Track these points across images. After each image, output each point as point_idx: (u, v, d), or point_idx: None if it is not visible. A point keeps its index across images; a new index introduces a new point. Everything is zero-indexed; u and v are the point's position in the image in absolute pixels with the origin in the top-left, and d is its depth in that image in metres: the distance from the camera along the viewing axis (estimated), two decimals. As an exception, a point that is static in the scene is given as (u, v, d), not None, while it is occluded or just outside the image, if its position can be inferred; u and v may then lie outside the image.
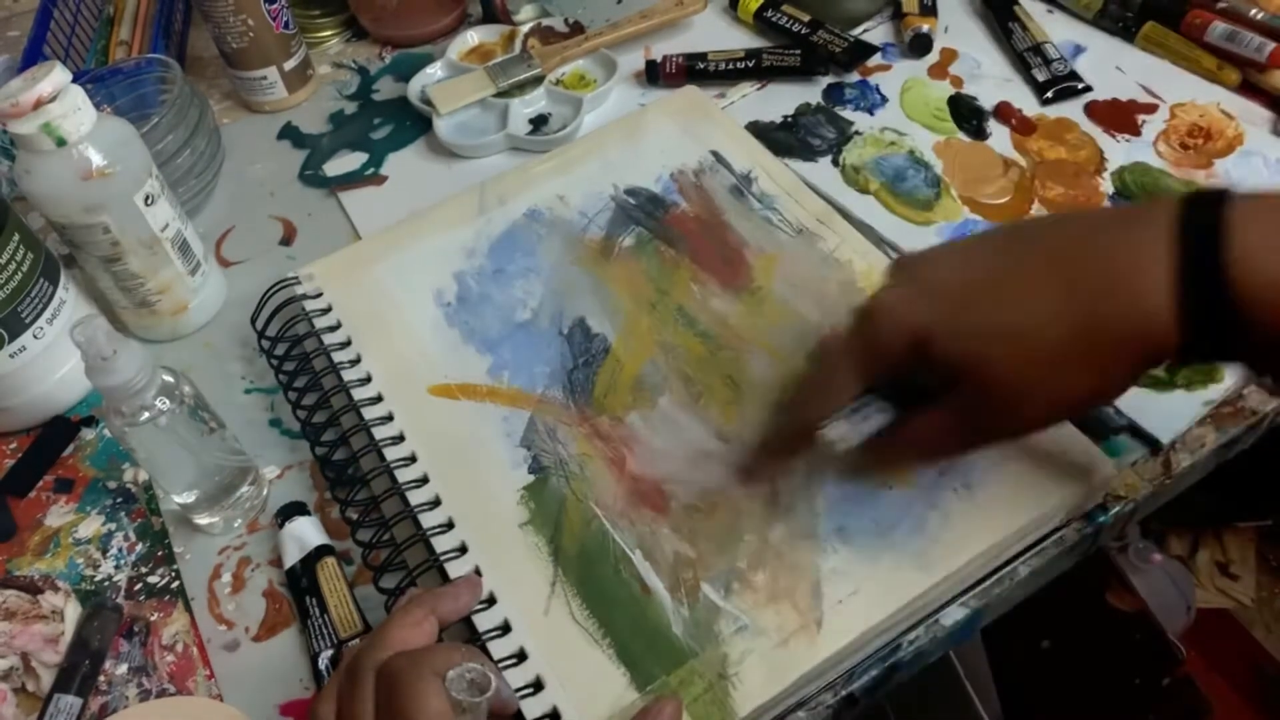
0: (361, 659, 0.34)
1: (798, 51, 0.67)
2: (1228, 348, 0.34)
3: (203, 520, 0.48)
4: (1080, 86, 0.63)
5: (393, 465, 0.46)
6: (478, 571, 0.42)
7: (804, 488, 0.44)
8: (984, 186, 0.59)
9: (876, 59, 0.68)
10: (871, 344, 0.38)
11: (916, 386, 0.39)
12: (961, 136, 0.62)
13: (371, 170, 0.67)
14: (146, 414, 0.42)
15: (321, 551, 0.46)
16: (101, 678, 0.45)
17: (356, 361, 0.51)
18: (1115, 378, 0.36)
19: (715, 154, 0.60)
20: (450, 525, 0.44)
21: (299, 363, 0.52)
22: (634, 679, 0.39)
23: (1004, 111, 0.63)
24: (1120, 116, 0.62)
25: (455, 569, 0.42)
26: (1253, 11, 0.62)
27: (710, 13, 0.75)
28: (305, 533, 0.47)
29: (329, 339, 0.52)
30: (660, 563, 0.42)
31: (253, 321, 0.55)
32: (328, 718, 0.34)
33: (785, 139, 0.63)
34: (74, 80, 0.48)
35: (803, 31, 0.69)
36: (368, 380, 0.50)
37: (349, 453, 0.48)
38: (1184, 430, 0.47)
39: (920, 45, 0.67)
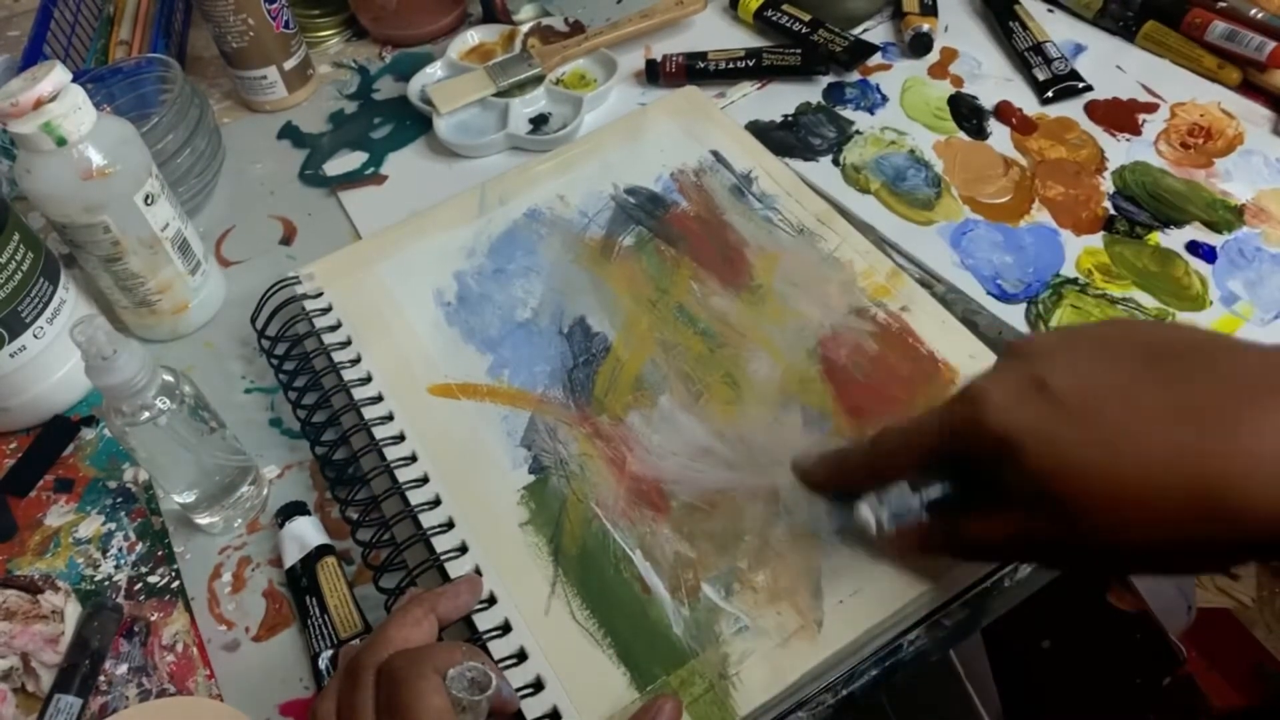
0: (362, 658, 0.34)
1: (798, 51, 0.67)
2: None
3: (203, 520, 0.48)
4: (1081, 86, 0.63)
5: (393, 465, 0.46)
6: (478, 571, 0.42)
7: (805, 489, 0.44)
8: (984, 186, 0.59)
9: (877, 58, 0.68)
10: (957, 433, 0.34)
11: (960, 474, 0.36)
12: (962, 136, 0.62)
13: (371, 170, 0.67)
14: (146, 414, 0.42)
15: (321, 551, 0.46)
16: (101, 678, 0.44)
17: (357, 361, 0.51)
18: (1220, 560, 0.32)
19: (715, 153, 0.60)
20: (450, 525, 0.44)
21: (299, 362, 0.52)
22: (634, 679, 0.39)
23: (1004, 111, 0.63)
24: (1121, 116, 0.62)
25: (455, 569, 0.42)
26: (1253, 11, 0.62)
27: (710, 12, 0.75)
28: (305, 532, 0.47)
29: (329, 338, 0.52)
30: (661, 563, 0.42)
31: (253, 321, 0.55)
32: (328, 717, 0.33)
33: (785, 138, 0.63)
34: (74, 80, 0.48)
35: (803, 31, 0.69)
36: (368, 380, 0.50)
37: (349, 452, 0.48)
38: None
39: (920, 45, 0.67)
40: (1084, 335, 0.35)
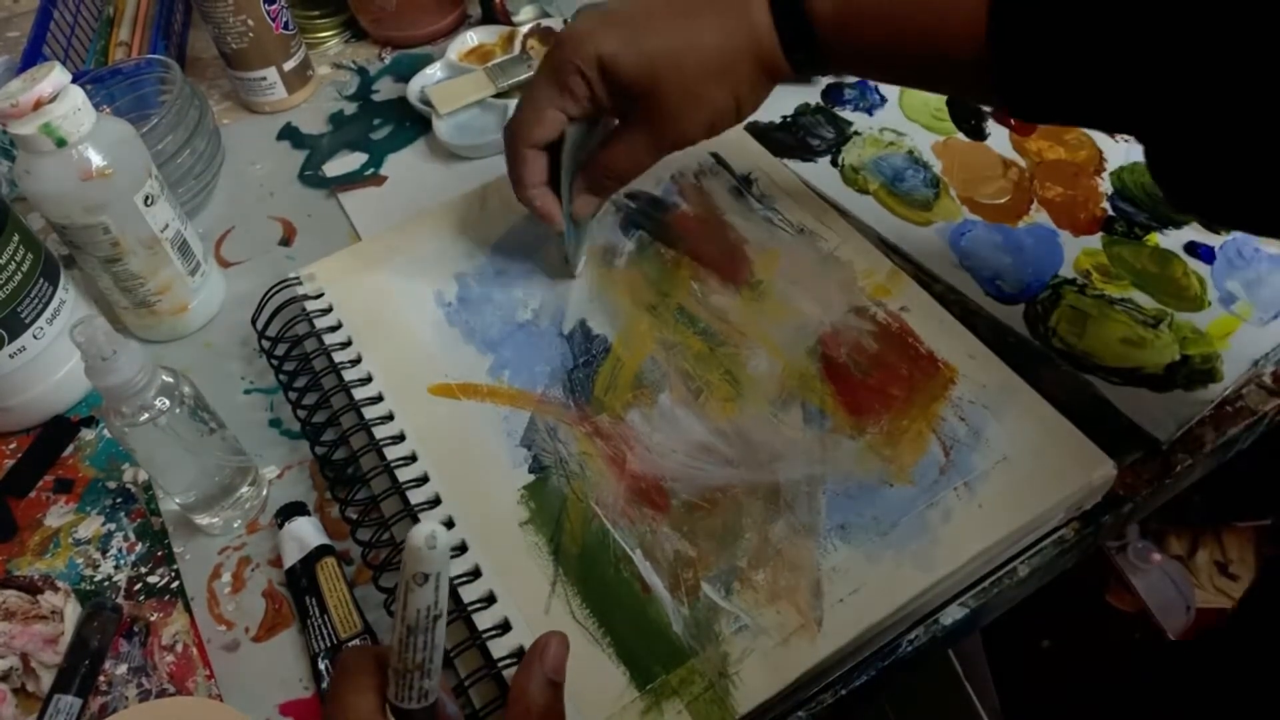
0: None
1: (797, 52, 0.67)
2: (819, 58, 0.43)
3: (202, 520, 0.48)
4: (1079, 87, 0.63)
5: (393, 464, 0.46)
6: (478, 570, 0.42)
7: (805, 485, 0.44)
8: (983, 187, 0.59)
9: (876, 59, 0.68)
10: (568, 69, 0.45)
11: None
12: (960, 137, 0.62)
13: (371, 171, 0.67)
14: (146, 414, 0.42)
15: (321, 551, 0.46)
16: (101, 678, 0.44)
17: (357, 361, 0.51)
18: (749, 88, 0.45)
19: (715, 155, 0.60)
20: (450, 524, 0.44)
21: (299, 363, 0.52)
22: (634, 678, 0.39)
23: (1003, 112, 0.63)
24: (1119, 116, 0.62)
25: (455, 567, 0.42)
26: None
27: (710, 13, 0.75)
28: (305, 533, 0.47)
29: (329, 339, 0.52)
30: (660, 562, 0.42)
31: (253, 321, 0.55)
32: None
33: (785, 139, 0.63)
34: (74, 81, 0.48)
35: (802, 32, 0.69)
36: (368, 380, 0.50)
37: (349, 452, 0.48)
38: (1184, 430, 0.47)
39: (919, 45, 0.67)
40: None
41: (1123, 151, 0.59)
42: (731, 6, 0.44)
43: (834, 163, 0.61)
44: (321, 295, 0.54)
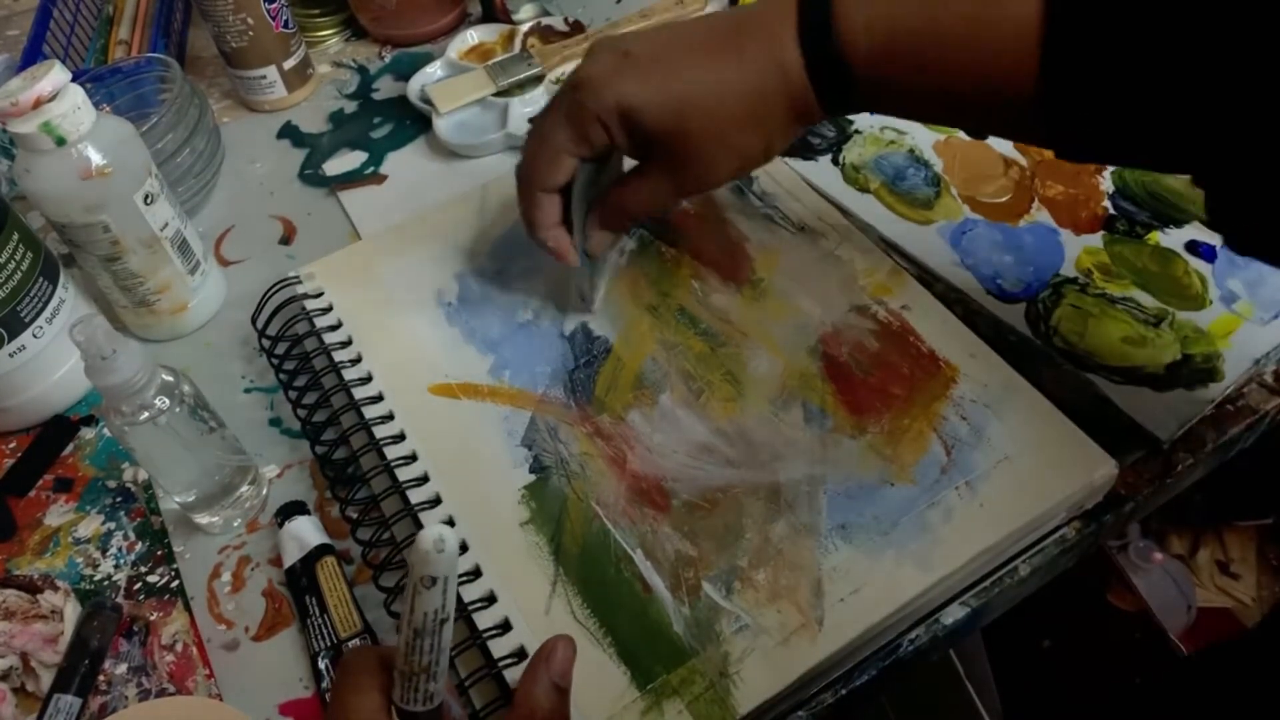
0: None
1: (798, 50, 0.67)
2: (854, 99, 0.40)
3: (202, 520, 0.48)
4: (1080, 85, 0.63)
5: (393, 464, 0.46)
6: (479, 570, 0.42)
7: (806, 485, 0.44)
8: (984, 185, 0.59)
9: (877, 58, 0.68)
10: (586, 116, 0.42)
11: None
12: (961, 135, 0.62)
13: (371, 169, 0.67)
14: (146, 413, 0.42)
15: (321, 551, 0.46)
16: (101, 677, 0.44)
17: (357, 361, 0.50)
18: (780, 133, 0.42)
19: (715, 153, 0.60)
20: (451, 524, 0.44)
21: (299, 362, 0.52)
22: (635, 678, 0.39)
23: (1004, 110, 0.63)
24: (1120, 115, 0.62)
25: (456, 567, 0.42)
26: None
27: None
28: (305, 532, 0.47)
29: (329, 338, 0.52)
30: (661, 561, 0.42)
31: (253, 321, 0.55)
32: None
33: (785, 138, 0.63)
34: (74, 79, 0.48)
35: (803, 30, 0.69)
36: (368, 379, 0.50)
37: (349, 452, 0.48)
38: (1185, 429, 0.47)
39: (920, 44, 0.67)
40: (651, 29, 0.45)
41: (1124, 150, 0.59)
42: (760, 43, 0.41)
43: (835, 161, 0.61)
44: (321, 294, 0.54)
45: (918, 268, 0.54)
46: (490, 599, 0.41)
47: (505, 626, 0.40)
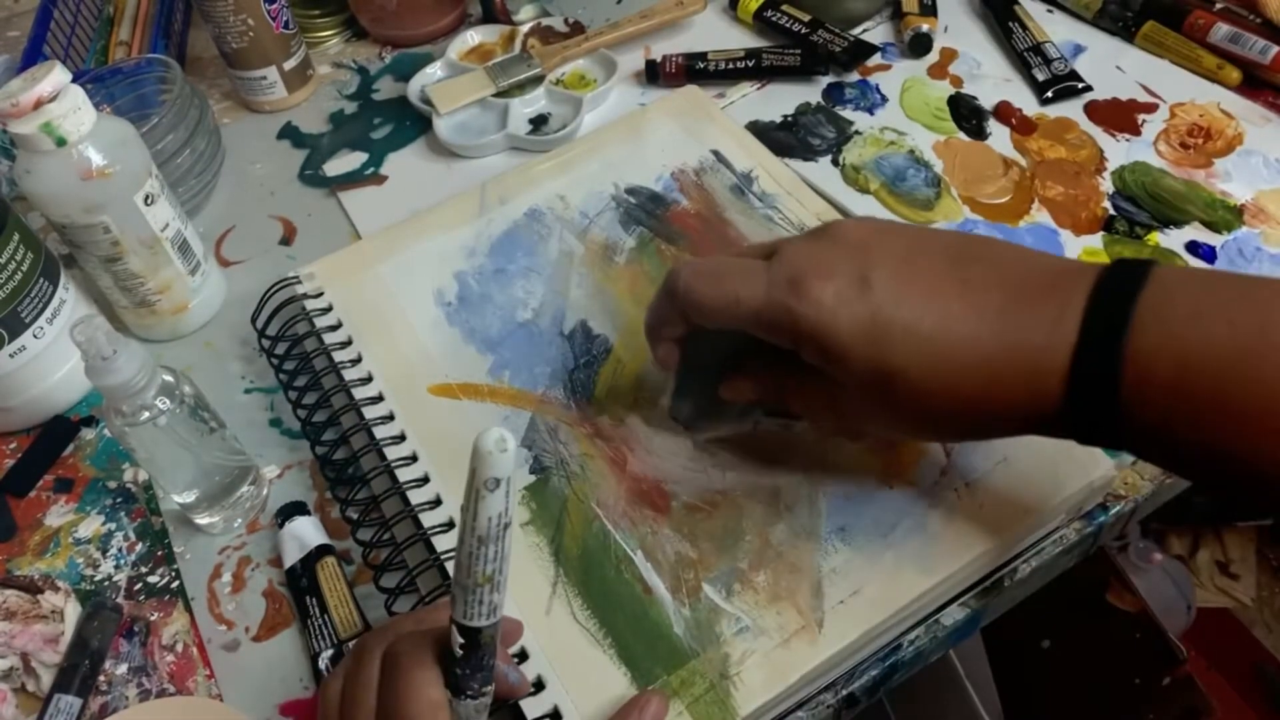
0: (370, 640, 0.34)
1: (797, 51, 0.67)
2: (1110, 433, 0.32)
3: (203, 520, 0.48)
4: (1080, 86, 0.63)
5: (393, 464, 0.46)
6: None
7: (805, 487, 0.44)
8: (984, 186, 0.59)
9: (876, 59, 0.68)
10: (780, 323, 0.35)
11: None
12: (961, 136, 0.62)
13: (371, 170, 0.67)
14: (146, 414, 0.42)
15: (321, 551, 0.46)
16: (101, 678, 0.44)
17: (357, 361, 0.51)
18: (997, 431, 0.36)
19: (716, 153, 0.60)
20: (451, 525, 0.44)
21: (299, 362, 0.52)
22: (635, 679, 0.39)
23: (1004, 111, 0.63)
24: (1120, 116, 0.62)
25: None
26: (1250, 16, 0.62)
27: (710, 13, 0.75)
28: (305, 532, 0.47)
29: (329, 338, 0.52)
30: (661, 563, 0.42)
31: (253, 321, 0.55)
32: (335, 697, 0.34)
33: (785, 138, 0.63)
34: (74, 80, 0.48)
35: (802, 31, 0.69)
36: (368, 380, 0.50)
37: (349, 452, 0.48)
38: (1185, 430, 0.47)
39: (920, 45, 0.67)
40: (896, 230, 0.36)
41: (1123, 150, 0.59)
42: (1020, 339, 0.32)
43: (835, 162, 0.61)
44: (321, 294, 0.54)
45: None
46: (490, 600, 0.41)
47: (505, 627, 0.40)
